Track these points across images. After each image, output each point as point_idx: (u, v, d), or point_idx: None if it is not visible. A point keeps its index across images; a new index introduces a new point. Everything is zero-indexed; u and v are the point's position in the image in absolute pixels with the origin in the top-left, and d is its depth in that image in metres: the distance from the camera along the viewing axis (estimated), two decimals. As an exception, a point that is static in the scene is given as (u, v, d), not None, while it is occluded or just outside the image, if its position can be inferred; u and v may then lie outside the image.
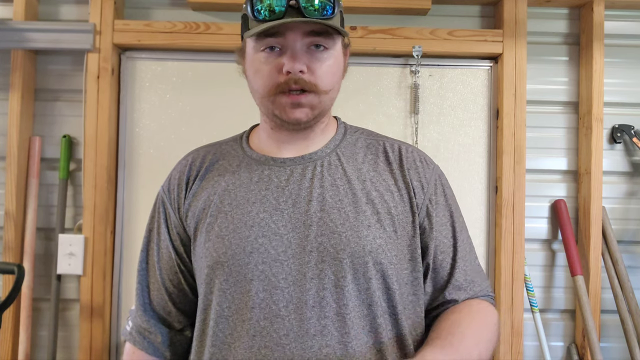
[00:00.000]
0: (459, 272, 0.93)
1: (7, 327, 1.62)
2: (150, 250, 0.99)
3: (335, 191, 0.89)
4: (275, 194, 0.89)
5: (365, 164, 0.93)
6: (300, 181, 0.90)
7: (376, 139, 0.99)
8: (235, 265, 0.86)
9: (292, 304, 0.84)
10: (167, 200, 0.98)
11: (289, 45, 0.85)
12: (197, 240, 0.92)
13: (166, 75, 1.72)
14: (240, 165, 0.95)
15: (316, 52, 0.87)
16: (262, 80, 0.87)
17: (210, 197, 0.93)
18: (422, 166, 0.95)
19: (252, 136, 1.01)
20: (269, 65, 0.86)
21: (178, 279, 0.97)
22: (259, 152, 0.96)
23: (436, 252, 0.93)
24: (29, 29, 1.63)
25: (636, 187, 1.78)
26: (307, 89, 0.86)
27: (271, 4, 0.84)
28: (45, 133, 1.72)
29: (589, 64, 1.72)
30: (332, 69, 0.89)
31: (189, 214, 0.94)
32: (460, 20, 1.78)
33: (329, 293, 0.84)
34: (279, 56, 0.86)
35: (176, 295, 0.98)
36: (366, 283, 0.86)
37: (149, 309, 0.98)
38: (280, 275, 0.85)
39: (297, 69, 0.84)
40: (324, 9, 0.85)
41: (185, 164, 0.99)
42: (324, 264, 0.85)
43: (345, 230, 0.86)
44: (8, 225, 1.64)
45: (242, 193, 0.91)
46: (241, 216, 0.89)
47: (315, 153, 0.93)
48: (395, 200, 0.91)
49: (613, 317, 1.71)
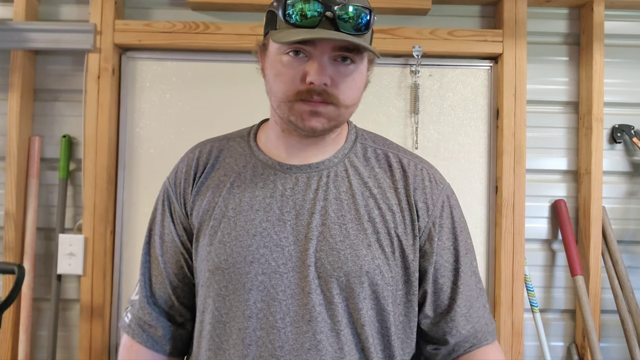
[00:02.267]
0: (461, 298, 0.91)
1: (7, 327, 1.62)
2: (153, 242, 0.98)
3: (338, 205, 0.88)
4: (279, 203, 0.89)
5: (371, 179, 0.91)
6: (305, 191, 0.89)
7: (385, 150, 0.95)
8: (235, 273, 0.86)
9: (289, 316, 0.84)
10: (172, 193, 0.96)
11: (317, 55, 0.82)
12: (200, 241, 0.92)
13: (166, 75, 1.72)
14: (246, 166, 0.93)
15: (342, 66, 0.83)
16: (284, 84, 0.84)
17: (214, 198, 0.92)
18: (430, 186, 0.92)
19: (260, 133, 0.98)
20: (292, 70, 0.83)
21: (183, 272, 0.96)
22: (266, 153, 0.94)
23: (436, 275, 0.91)
24: (29, 29, 1.63)
25: (636, 187, 1.78)
26: (328, 101, 0.84)
27: (304, 9, 0.80)
28: (45, 133, 1.72)
29: (589, 64, 1.72)
30: (356, 83, 0.86)
31: (193, 211, 0.94)
32: (460, 20, 1.78)
33: (325, 309, 0.84)
34: (304, 63, 0.83)
35: (180, 289, 0.97)
36: (360, 303, 0.85)
37: (151, 302, 0.97)
38: (279, 287, 0.85)
39: (321, 82, 0.81)
40: (359, 24, 0.82)
41: (193, 157, 0.97)
42: (320, 280, 0.85)
43: (345, 248, 0.85)
44: (8, 225, 1.64)
45: (246, 198, 0.90)
46: (244, 223, 0.88)
47: (322, 162, 0.91)
48: (397, 221, 0.89)
49: (613, 317, 1.71)
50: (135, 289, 1.00)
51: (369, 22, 0.83)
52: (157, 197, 1.00)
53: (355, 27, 0.81)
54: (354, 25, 0.81)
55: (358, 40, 0.80)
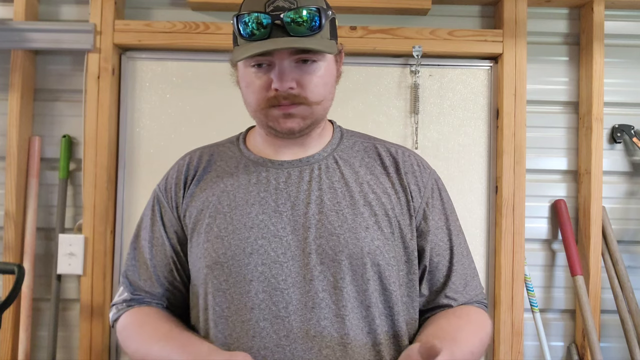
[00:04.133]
0: (456, 275, 0.95)
1: (7, 327, 1.62)
2: (141, 248, 0.99)
3: (333, 194, 0.90)
4: (274, 196, 0.90)
5: (362, 167, 0.94)
6: (298, 184, 0.91)
7: (372, 143, 0.99)
8: (234, 266, 0.87)
9: (292, 305, 0.85)
10: (163, 198, 0.98)
11: (277, 63, 0.86)
12: (194, 241, 0.93)
13: (166, 75, 1.72)
14: (238, 166, 0.95)
15: (305, 66, 0.87)
16: (254, 94, 0.89)
17: (208, 198, 0.93)
18: (419, 170, 0.96)
19: (248, 137, 1.02)
20: (258, 81, 0.88)
21: (173, 276, 0.97)
22: (256, 153, 0.96)
23: (432, 254, 0.94)
24: (29, 29, 1.63)
25: (636, 187, 1.78)
26: (297, 102, 0.87)
27: (253, 24, 0.84)
28: (45, 133, 1.72)
29: (589, 64, 1.72)
30: (322, 79, 0.89)
31: (186, 214, 0.95)
32: (460, 20, 1.78)
33: (328, 295, 0.85)
34: (268, 72, 0.87)
35: (170, 293, 0.98)
36: (364, 284, 0.87)
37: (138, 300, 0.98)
38: (280, 276, 0.86)
39: (284, 87, 0.85)
40: (312, 25, 0.85)
41: (183, 163, 0.99)
42: (322, 266, 0.86)
43: (344, 232, 0.87)
44: (8, 225, 1.64)
45: (240, 194, 0.91)
46: (240, 217, 0.89)
47: (312, 157, 0.94)
48: (393, 203, 0.92)
49: (613, 317, 1.71)
50: (119, 291, 1.00)
51: (320, 20, 0.85)
52: (146, 205, 1.01)
53: (309, 28, 0.84)
54: (306, 27, 0.84)
55: (308, 43, 0.84)
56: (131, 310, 0.96)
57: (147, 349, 0.87)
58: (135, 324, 0.93)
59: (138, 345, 0.90)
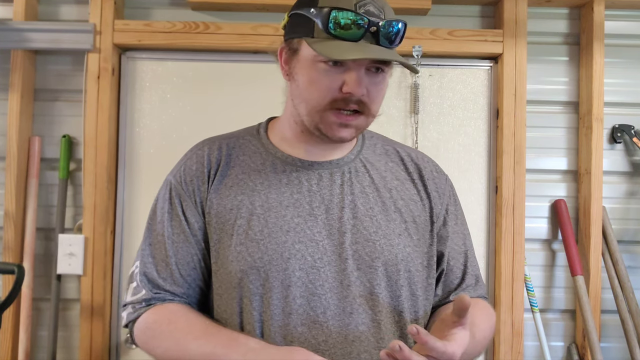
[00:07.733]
0: (469, 276, 0.98)
1: (7, 327, 1.61)
2: (158, 244, 0.92)
3: (365, 199, 0.91)
4: (308, 199, 0.89)
5: (388, 172, 0.96)
6: (330, 187, 0.91)
7: (392, 146, 1.01)
8: (272, 270, 0.85)
9: (330, 310, 0.85)
10: (184, 191, 0.92)
11: (355, 67, 0.84)
12: (224, 242, 0.89)
13: (166, 75, 1.72)
14: (264, 163, 0.92)
15: (374, 76, 0.86)
16: (318, 92, 0.85)
17: (237, 196, 0.90)
18: (437, 176, 1.00)
19: (271, 130, 0.97)
20: (328, 79, 0.84)
21: (197, 275, 0.92)
22: (282, 150, 0.94)
23: (449, 258, 0.96)
24: (29, 29, 1.63)
25: (636, 187, 1.78)
26: (360, 111, 0.86)
27: (350, 24, 0.82)
28: (45, 133, 1.72)
29: (589, 64, 1.71)
30: (383, 91, 0.89)
31: (212, 210, 0.90)
32: (460, 20, 1.78)
33: (365, 300, 0.86)
34: (340, 72, 0.84)
35: (193, 291, 0.93)
36: (398, 290, 0.88)
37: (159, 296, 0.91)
38: (317, 282, 0.85)
39: (360, 93, 0.84)
40: (397, 38, 0.85)
41: (202, 154, 0.94)
42: (359, 272, 0.87)
43: (379, 239, 0.88)
44: (8, 225, 1.64)
45: (273, 195, 0.89)
46: (276, 220, 0.87)
47: (341, 159, 0.94)
48: (419, 209, 0.94)
49: (613, 317, 1.71)
50: (132, 290, 0.92)
51: (403, 35, 0.87)
52: (158, 198, 0.95)
53: (392, 40, 0.85)
54: (392, 39, 0.85)
55: (396, 56, 0.85)
56: (154, 309, 0.89)
57: (182, 347, 0.83)
58: (162, 322, 0.87)
59: (170, 344, 0.85)
